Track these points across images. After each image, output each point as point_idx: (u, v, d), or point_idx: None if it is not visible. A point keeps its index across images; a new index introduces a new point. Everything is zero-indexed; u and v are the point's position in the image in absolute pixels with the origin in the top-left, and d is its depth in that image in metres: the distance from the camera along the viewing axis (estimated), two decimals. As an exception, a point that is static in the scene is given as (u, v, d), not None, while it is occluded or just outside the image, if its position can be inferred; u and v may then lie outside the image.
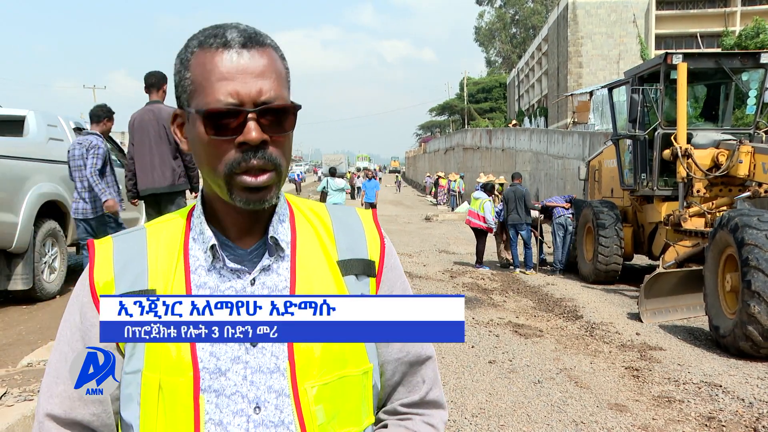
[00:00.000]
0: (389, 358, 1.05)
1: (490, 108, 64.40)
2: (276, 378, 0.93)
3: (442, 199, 32.26)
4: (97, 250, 1.00)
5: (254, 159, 0.90)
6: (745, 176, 7.54)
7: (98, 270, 0.98)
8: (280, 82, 0.94)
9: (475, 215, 11.08)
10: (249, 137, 0.89)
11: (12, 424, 3.18)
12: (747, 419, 4.16)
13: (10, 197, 5.94)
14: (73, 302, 1.00)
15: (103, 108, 6.10)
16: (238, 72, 0.90)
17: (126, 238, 1.02)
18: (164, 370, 0.91)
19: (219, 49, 0.91)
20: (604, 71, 37.09)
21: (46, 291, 6.50)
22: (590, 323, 6.97)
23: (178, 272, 0.96)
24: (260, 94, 0.90)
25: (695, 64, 8.43)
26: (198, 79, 0.92)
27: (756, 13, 28.81)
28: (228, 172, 0.91)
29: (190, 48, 0.94)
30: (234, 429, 0.91)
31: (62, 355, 0.98)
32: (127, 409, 0.95)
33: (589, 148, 17.78)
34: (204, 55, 0.92)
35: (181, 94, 0.96)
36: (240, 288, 0.96)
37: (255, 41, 0.92)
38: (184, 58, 0.95)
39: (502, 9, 70.11)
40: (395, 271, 1.08)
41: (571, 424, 4.08)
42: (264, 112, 0.90)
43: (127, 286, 0.96)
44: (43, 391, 0.99)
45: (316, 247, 1.02)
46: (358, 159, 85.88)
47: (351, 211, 1.10)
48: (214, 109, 0.89)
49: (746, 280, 5.45)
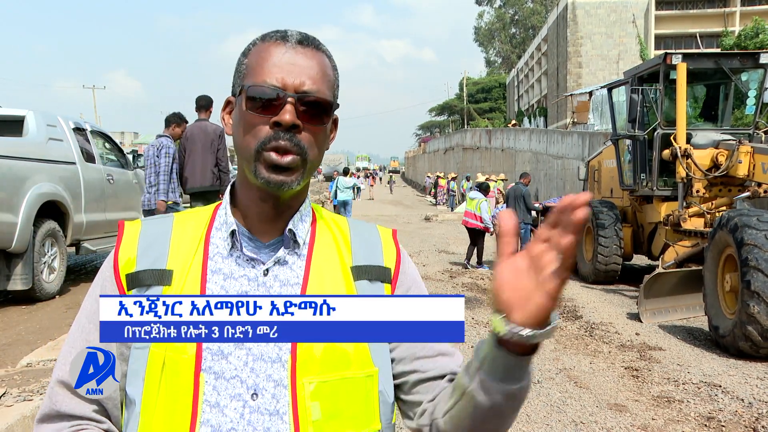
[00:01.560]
0: (420, 354, 1.04)
1: (489, 108, 64.43)
2: (276, 368, 0.94)
3: (442, 200, 32.30)
4: (126, 229, 1.05)
5: (283, 140, 0.95)
6: (744, 176, 7.54)
7: (123, 248, 1.03)
8: (326, 82, 1.00)
9: (472, 215, 11.06)
10: (283, 118, 0.95)
11: (11, 424, 3.18)
12: (746, 419, 4.16)
13: (10, 197, 5.93)
14: (98, 277, 1.05)
15: (174, 115, 7.23)
16: (288, 63, 0.97)
17: (154, 222, 1.07)
18: (170, 347, 0.93)
19: (277, 41, 0.99)
20: (604, 71, 37.13)
21: (45, 291, 6.49)
22: (590, 323, 6.98)
23: (197, 257, 1.00)
24: (303, 85, 0.97)
25: (695, 64, 8.43)
26: (252, 64, 0.99)
27: (755, 13, 28.83)
28: (258, 148, 0.96)
29: (253, 41, 1.03)
30: (230, 413, 0.92)
31: (80, 326, 1.02)
32: (132, 384, 0.96)
33: (589, 148, 17.79)
34: (263, 44, 1.00)
35: (236, 80, 1.03)
36: (253, 277, 0.99)
37: (311, 42, 1.01)
38: (245, 50, 1.02)
39: (501, 9, 70.18)
40: (410, 276, 1.10)
41: (570, 424, 4.08)
42: (303, 100, 0.96)
43: (147, 265, 1.00)
44: (60, 358, 1.02)
45: (332, 250, 1.05)
46: (357, 159, 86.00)
47: (371, 227, 1.14)
48: (259, 84, 0.96)
49: (746, 280, 5.45)
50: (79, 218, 7.14)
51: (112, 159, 8.54)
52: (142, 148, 55.54)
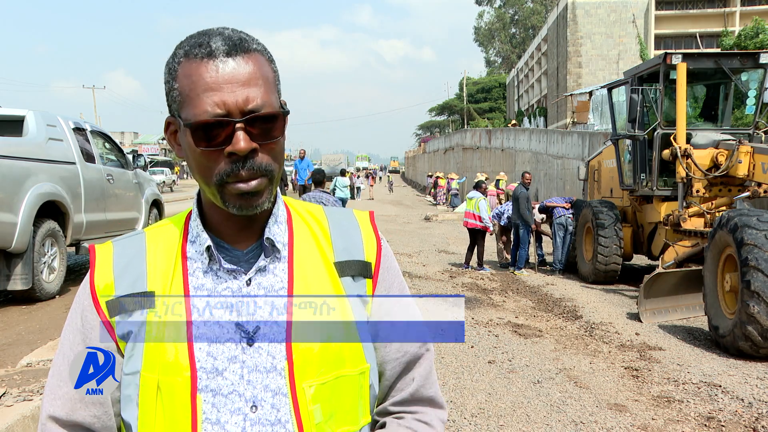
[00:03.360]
0: (388, 358, 1.05)
1: (489, 108, 64.41)
2: (273, 377, 0.93)
3: (442, 199, 32.31)
4: (98, 254, 1.01)
5: (243, 170, 0.91)
6: (744, 176, 7.54)
7: (99, 273, 0.99)
8: (268, 87, 0.93)
9: (471, 215, 11.06)
10: (237, 147, 0.89)
11: (11, 424, 3.18)
12: (746, 419, 4.16)
13: (10, 197, 5.93)
14: (75, 306, 1.01)
15: None
16: (224, 81, 0.89)
17: (125, 243, 1.03)
18: (162, 371, 0.92)
19: (204, 59, 0.90)
20: (604, 71, 37.13)
21: (45, 291, 6.49)
22: (590, 323, 6.97)
23: (177, 274, 0.97)
24: (247, 103, 0.89)
25: (695, 64, 8.43)
26: (185, 91, 0.91)
27: (755, 13, 28.84)
28: (219, 182, 0.92)
29: (177, 58, 0.93)
30: (231, 428, 0.92)
31: (65, 357, 1.00)
32: (126, 410, 0.96)
33: (589, 148, 17.78)
34: (190, 65, 0.91)
35: (171, 104, 0.96)
36: (236, 288, 0.97)
37: (240, 48, 0.91)
38: (171, 68, 0.94)
39: (501, 9, 70.15)
40: (392, 272, 1.08)
41: (570, 424, 4.08)
42: (252, 120, 0.90)
43: (126, 289, 0.97)
44: (47, 393, 1.00)
45: (312, 248, 1.02)
46: (357, 159, 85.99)
47: (348, 213, 1.10)
48: (202, 121, 0.89)
49: (745, 280, 5.45)
50: (79, 218, 7.14)
51: (112, 159, 8.54)
52: (141, 148, 55.56)
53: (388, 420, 1.05)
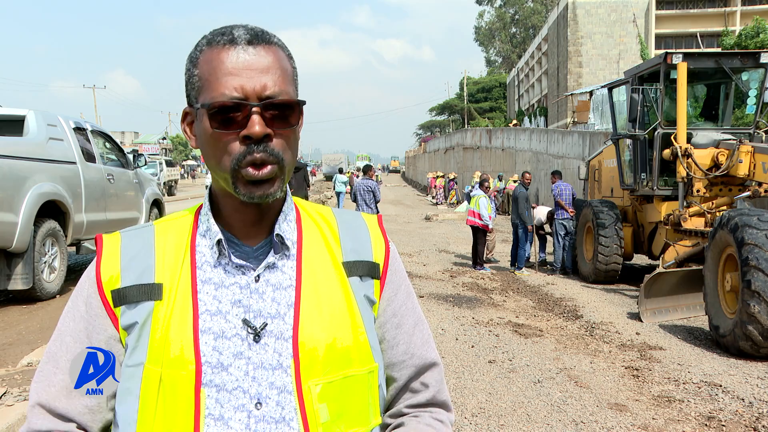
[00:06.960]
0: (394, 360, 1.05)
1: (490, 108, 64.36)
2: (278, 374, 0.93)
3: (440, 199, 32.33)
4: (105, 244, 1.01)
5: (257, 152, 0.91)
6: (745, 176, 7.53)
7: (105, 263, 0.99)
8: (286, 78, 0.95)
9: (472, 213, 11.11)
10: (252, 131, 0.90)
11: (12, 424, 3.18)
12: (747, 419, 4.16)
13: (10, 197, 5.93)
14: (77, 294, 1.00)
15: None
16: (244, 68, 0.91)
17: (134, 234, 1.03)
18: (166, 364, 0.91)
19: (226, 45, 0.92)
20: (604, 71, 37.09)
21: (46, 291, 6.49)
22: (590, 323, 6.97)
23: (185, 268, 0.97)
24: (264, 89, 0.91)
25: (695, 63, 8.42)
26: (205, 75, 0.93)
27: (756, 13, 28.80)
28: (233, 166, 0.92)
29: (199, 47, 0.96)
30: (235, 424, 0.91)
31: (64, 345, 0.98)
32: (123, 404, 0.94)
33: (589, 148, 17.77)
34: (211, 52, 0.93)
35: (190, 92, 0.97)
36: (244, 284, 0.96)
37: (261, 38, 0.94)
38: (193, 57, 0.96)
39: (502, 9, 70.08)
40: (399, 274, 1.09)
41: (570, 424, 4.08)
42: (268, 106, 0.92)
43: (133, 280, 0.96)
44: (40, 378, 0.98)
45: (321, 247, 1.02)
46: (358, 159, 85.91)
47: (356, 216, 1.11)
48: (219, 102, 0.91)
49: (746, 279, 5.45)
50: (80, 218, 7.15)
51: (112, 158, 8.54)
52: (142, 148, 55.25)
53: (404, 419, 1.05)
